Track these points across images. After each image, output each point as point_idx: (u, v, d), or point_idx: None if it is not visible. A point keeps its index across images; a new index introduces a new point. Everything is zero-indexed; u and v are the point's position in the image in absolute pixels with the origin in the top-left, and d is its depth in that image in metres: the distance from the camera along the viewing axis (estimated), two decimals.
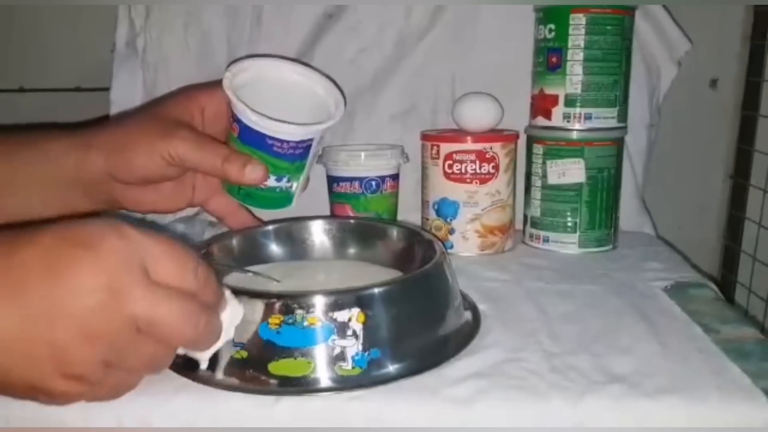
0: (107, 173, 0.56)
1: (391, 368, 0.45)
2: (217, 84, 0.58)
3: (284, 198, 0.60)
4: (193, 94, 0.60)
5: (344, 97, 0.61)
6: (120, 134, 0.57)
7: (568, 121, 0.72)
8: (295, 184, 0.59)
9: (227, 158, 0.56)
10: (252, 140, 0.56)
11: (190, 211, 0.88)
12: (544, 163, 0.74)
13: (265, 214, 0.64)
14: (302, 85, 0.61)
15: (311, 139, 0.57)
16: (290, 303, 0.44)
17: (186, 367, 0.46)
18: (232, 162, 0.55)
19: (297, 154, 0.57)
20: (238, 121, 0.56)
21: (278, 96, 0.59)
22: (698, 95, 0.96)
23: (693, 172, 0.99)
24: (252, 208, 0.64)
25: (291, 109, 0.58)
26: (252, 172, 0.55)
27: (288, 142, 0.56)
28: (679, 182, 0.98)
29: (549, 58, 0.72)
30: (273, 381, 0.44)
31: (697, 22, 0.87)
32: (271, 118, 0.55)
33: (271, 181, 0.58)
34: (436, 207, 0.74)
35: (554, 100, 0.72)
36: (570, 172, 0.73)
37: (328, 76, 0.63)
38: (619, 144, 0.75)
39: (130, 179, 0.57)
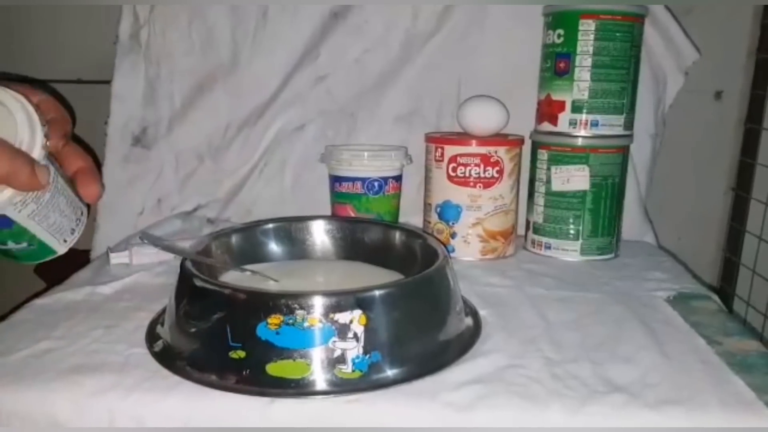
0: None
1: (391, 372, 0.45)
2: None
3: (40, 252, 0.44)
4: None
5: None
6: None
7: (574, 128, 0.72)
8: (26, 244, 0.43)
9: None
10: None
11: (187, 207, 0.87)
12: (548, 169, 0.73)
13: None
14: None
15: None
16: (291, 303, 0.43)
17: (180, 365, 0.45)
18: None
19: None
20: None
21: None
22: (703, 107, 0.96)
23: (694, 184, 0.98)
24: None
25: None
26: None
27: None
28: (680, 193, 0.98)
29: (557, 63, 0.72)
30: (270, 382, 0.43)
31: (703, 35, 0.86)
32: None
33: None
34: (438, 210, 0.74)
35: (561, 105, 0.72)
36: (574, 178, 0.72)
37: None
38: (624, 152, 0.74)
39: None
